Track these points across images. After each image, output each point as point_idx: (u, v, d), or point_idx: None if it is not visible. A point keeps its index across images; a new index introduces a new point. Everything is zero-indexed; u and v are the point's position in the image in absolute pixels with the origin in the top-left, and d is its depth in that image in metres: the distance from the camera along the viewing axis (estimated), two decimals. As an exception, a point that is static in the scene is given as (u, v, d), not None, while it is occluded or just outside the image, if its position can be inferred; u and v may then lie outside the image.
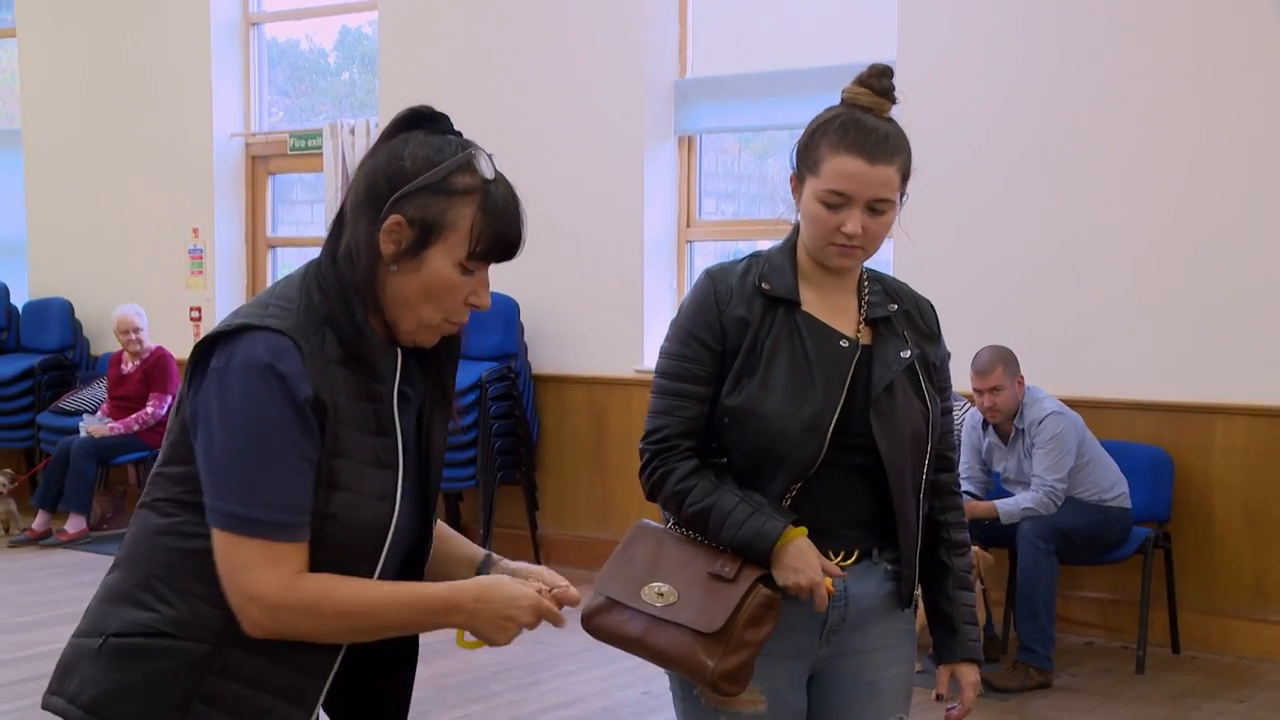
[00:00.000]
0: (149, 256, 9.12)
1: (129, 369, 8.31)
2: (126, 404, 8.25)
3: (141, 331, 8.25)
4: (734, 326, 2.38)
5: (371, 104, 8.63)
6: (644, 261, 7.31)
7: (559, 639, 5.77)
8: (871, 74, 2.39)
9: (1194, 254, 5.97)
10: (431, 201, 1.87)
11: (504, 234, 1.91)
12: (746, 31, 7.47)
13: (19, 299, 9.50)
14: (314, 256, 1.98)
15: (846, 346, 2.39)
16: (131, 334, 8.22)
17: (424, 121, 1.94)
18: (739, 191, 7.99)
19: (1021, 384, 5.69)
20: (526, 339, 7.53)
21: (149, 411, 8.17)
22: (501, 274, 7.57)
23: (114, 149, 9.27)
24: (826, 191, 2.33)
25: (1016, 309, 6.27)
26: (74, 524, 8.12)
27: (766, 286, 2.40)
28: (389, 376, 1.93)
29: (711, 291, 2.42)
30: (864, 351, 2.40)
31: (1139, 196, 6.08)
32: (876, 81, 2.38)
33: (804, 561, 2.30)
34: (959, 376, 5.50)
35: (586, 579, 2.52)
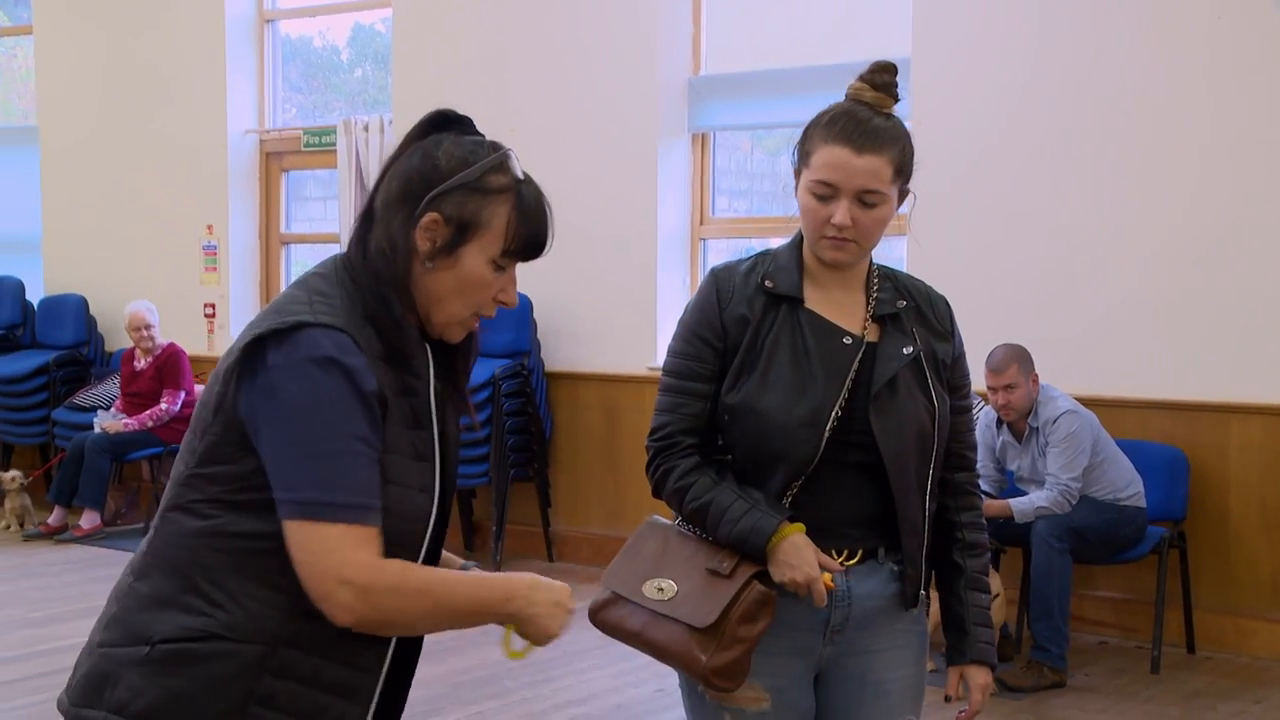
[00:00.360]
0: (163, 253, 9.15)
1: (142, 365, 8.32)
2: (140, 400, 8.27)
3: (153, 328, 8.25)
4: (735, 324, 2.39)
5: (384, 100, 8.64)
6: (657, 259, 7.31)
7: (572, 636, 5.75)
8: (874, 70, 2.39)
9: (1208, 252, 5.95)
10: (467, 199, 1.91)
11: (536, 233, 1.96)
12: (760, 29, 7.46)
13: (34, 295, 9.53)
14: (336, 253, 2.00)
15: (849, 343, 2.38)
16: (143, 331, 8.23)
17: (450, 124, 1.98)
18: (752, 189, 7.98)
19: (1036, 382, 5.67)
20: (540, 336, 7.53)
21: (163, 408, 8.19)
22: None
23: (129, 145, 9.29)
24: (815, 182, 2.33)
25: (1031, 307, 6.25)
26: (88, 519, 8.15)
27: (769, 284, 2.40)
28: (424, 371, 1.96)
29: (714, 290, 2.43)
30: (869, 348, 2.40)
31: (1153, 194, 6.06)
32: (878, 77, 2.38)
33: (800, 557, 2.30)
34: (974, 374, 5.49)
35: (599, 576, 2.54)
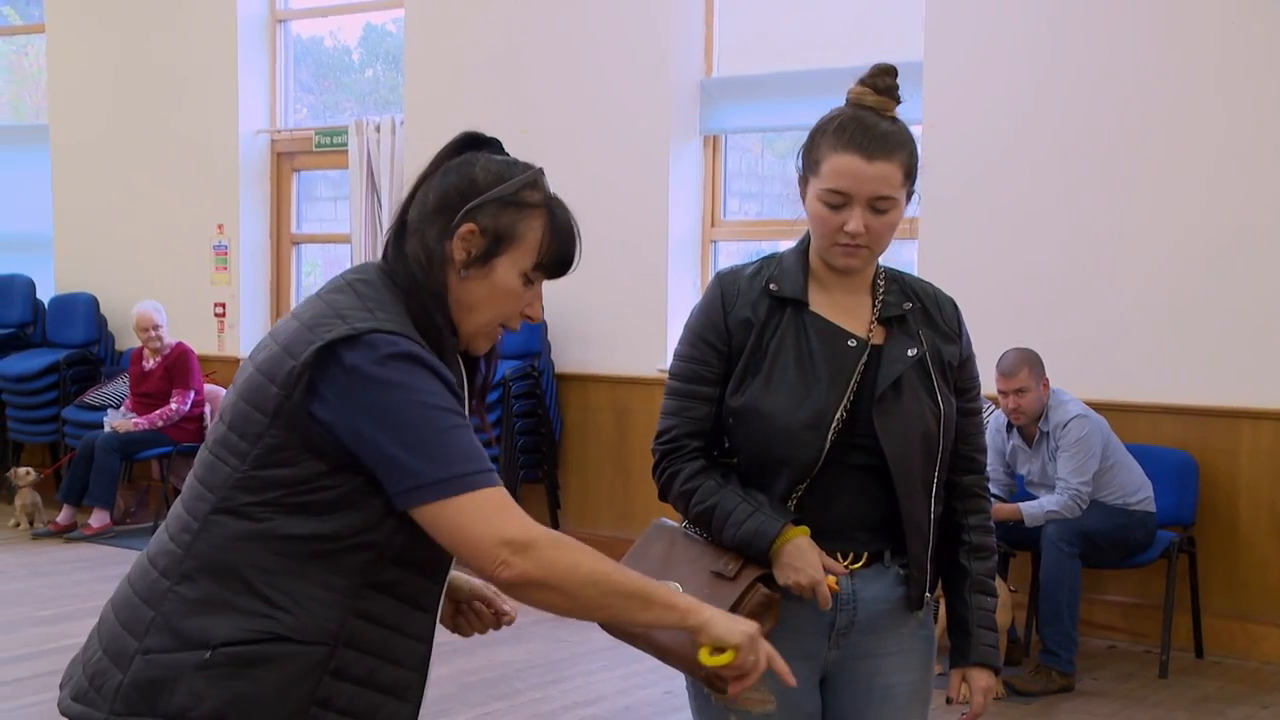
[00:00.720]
0: (174, 252, 9.16)
1: (150, 365, 8.32)
2: (149, 400, 8.28)
3: (161, 329, 8.25)
4: (739, 328, 2.39)
5: (395, 101, 8.64)
6: (668, 261, 7.32)
7: (581, 638, 5.78)
8: (875, 73, 2.38)
9: (1219, 255, 5.94)
10: (503, 213, 1.98)
11: (567, 249, 2.03)
12: (772, 31, 7.46)
13: (45, 294, 9.56)
14: (371, 261, 2.05)
15: (854, 346, 2.38)
16: (150, 331, 8.22)
17: (480, 144, 2.05)
18: (762, 192, 7.98)
19: (1046, 386, 5.66)
20: (550, 337, 7.53)
21: (173, 408, 8.19)
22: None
23: (140, 145, 9.31)
24: (826, 191, 2.33)
25: (1042, 310, 6.24)
26: (98, 518, 8.16)
27: (774, 287, 2.40)
28: (458, 376, 2.00)
29: (719, 294, 2.43)
30: (873, 351, 2.39)
31: (1164, 198, 6.05)
32: (880, 81, 2.37)
33: (804, 560, 2.30)
34: (984, 378, 5.48)
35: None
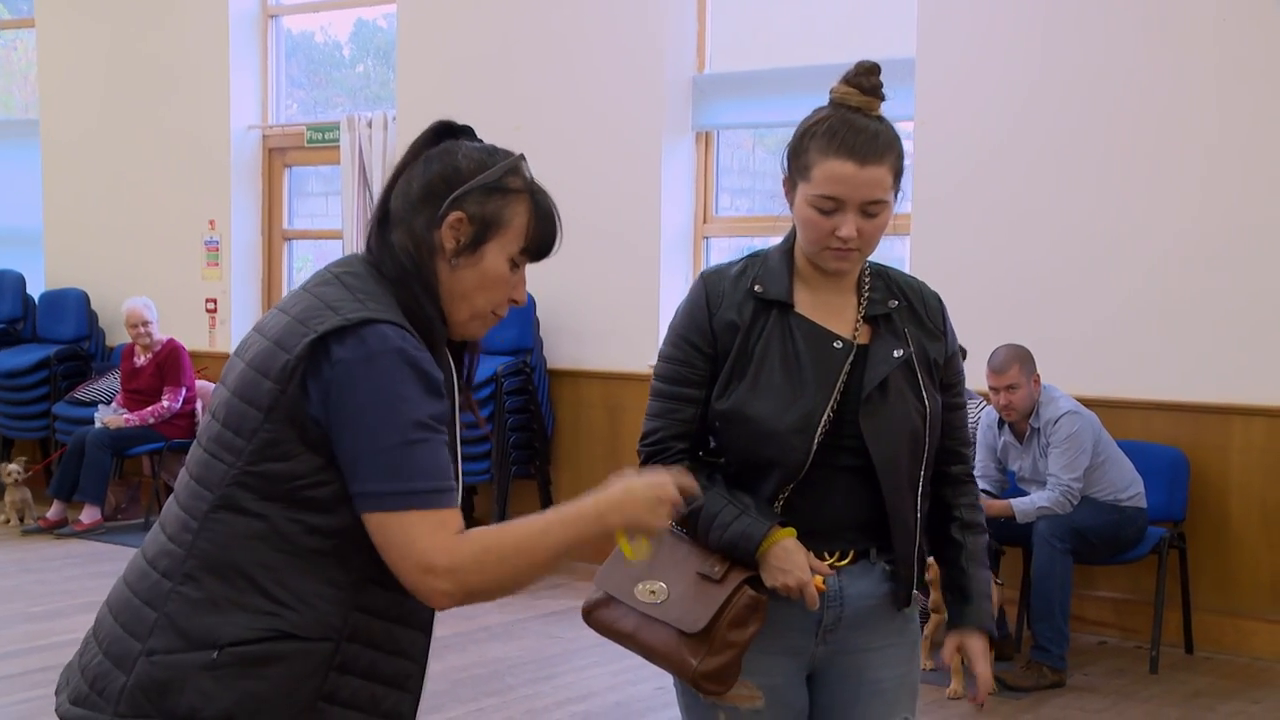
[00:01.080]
0: (165, 248, 9.15)
1: (142, 362, 8.30)
2: (140, 397, 8.26)
3: (150, 324, 8.23)
4: (724, 330, 2.38)
5: (386, 96, 8.63)
6: (660, 257, 7.31)
7: (573, 634, 5.78)
8: (859, 72, 2.35)
9: (1213, 254, 5.95)
10: (489, 199, 1.99)
11: (551, 233, 2.05)
12: (765, 27, 7.46)
13: (35, 289, 9.53)
14: (355, 254, 2.05)
15: (840, 348, 2.37)
16: (139, 327, 8.20)
17: (455, 133, 2.05)
18: (754, 188, 7.98)
19: (1038, 383, 5.67)
20: (542, 333, 7.53)
21: (164, 405, 8.17)
22: (518, 268, 7.26)
23: (131, 140, 9.29)
24: (819, 197, 2.30)
25: (1034, 307, 6.25)
26: (89, 514, 8.15)
27: (759, 289, 2.39)
28: (448, 368, 2.00)
29: (704, 295, 2.43)
30: (860, 352, 2.38)
31: (1157, 196, 6.05)
32: (865, 80, 2.34)
33: (791, 561, 2.30)
34: (976, 375, 5.51)
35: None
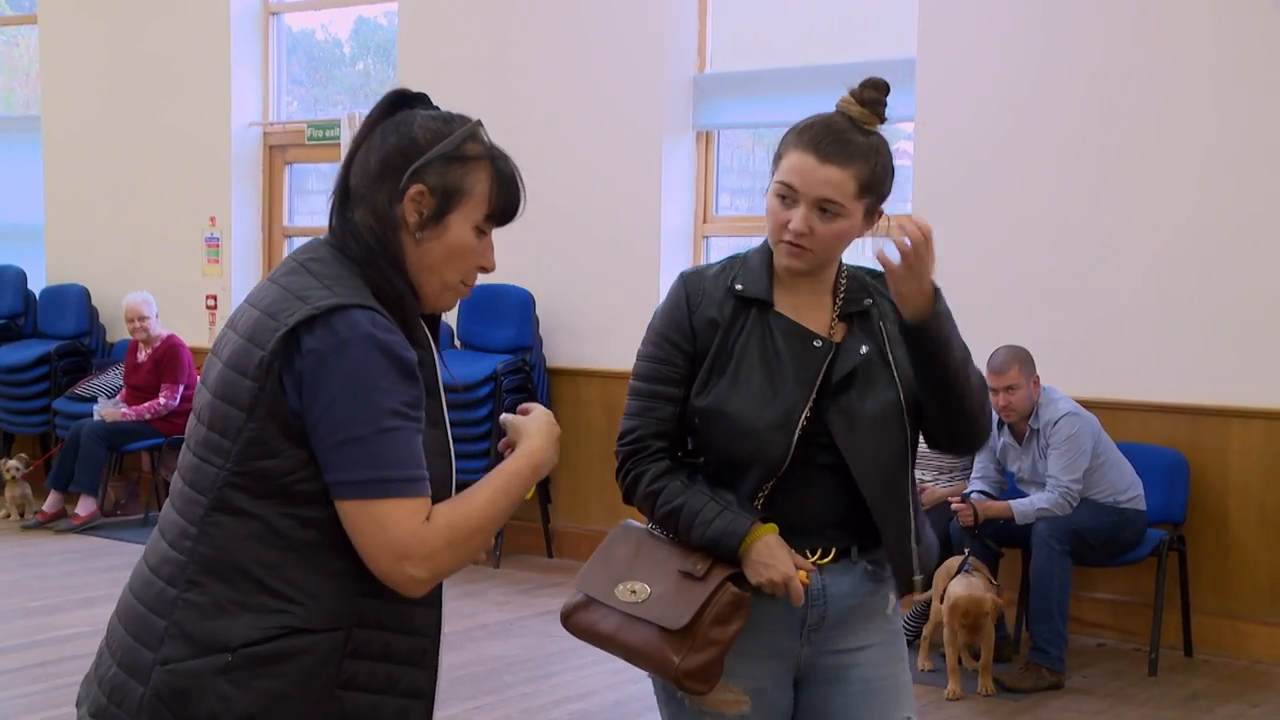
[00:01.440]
0: (166, 244, 9.14)
1: (142, 358, 8.31)
2: (139, 393, 8.26)
3: (148, 320, 8.21)
4: (704, 328, 2.40)
5: (388, 94, 8.61)
6: (660, 256, 7.31)
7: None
8: (864, 86, 2.40)
9: (1211, 255, 5.94)
10: (449, 169, 1.96)
11: (514, 197, 2.02)
12: (766, 27, 7.46)
13: (36, 285, 9.53)
14: (316, 239, 2.02)
15: (819, 346, 2.39)
16: (137, 322, 8.19)
17: (410, 102, 2.02)
18: (754, 187, 7.97)
19: (1037, 384, 5.67)
20: (542, 332, 7.52)
21: (161, 402, 8.17)
22: (518, 266, 7.52)
23: (132, 137, 9.28)
24: (778, 184, 2.36)
25: (1033, 309, 6.25)
26: (85, 506, 8.14)
27: (739, 288, 2.41)
28: (425, 341, 2.00)
29: (684, 294, 2.44)
30: (837, 350, 2.40)
31: (1156, 197, 6.05)
32: (866, 94, 2.38)
33: (774, 557, 2.31)
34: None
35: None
